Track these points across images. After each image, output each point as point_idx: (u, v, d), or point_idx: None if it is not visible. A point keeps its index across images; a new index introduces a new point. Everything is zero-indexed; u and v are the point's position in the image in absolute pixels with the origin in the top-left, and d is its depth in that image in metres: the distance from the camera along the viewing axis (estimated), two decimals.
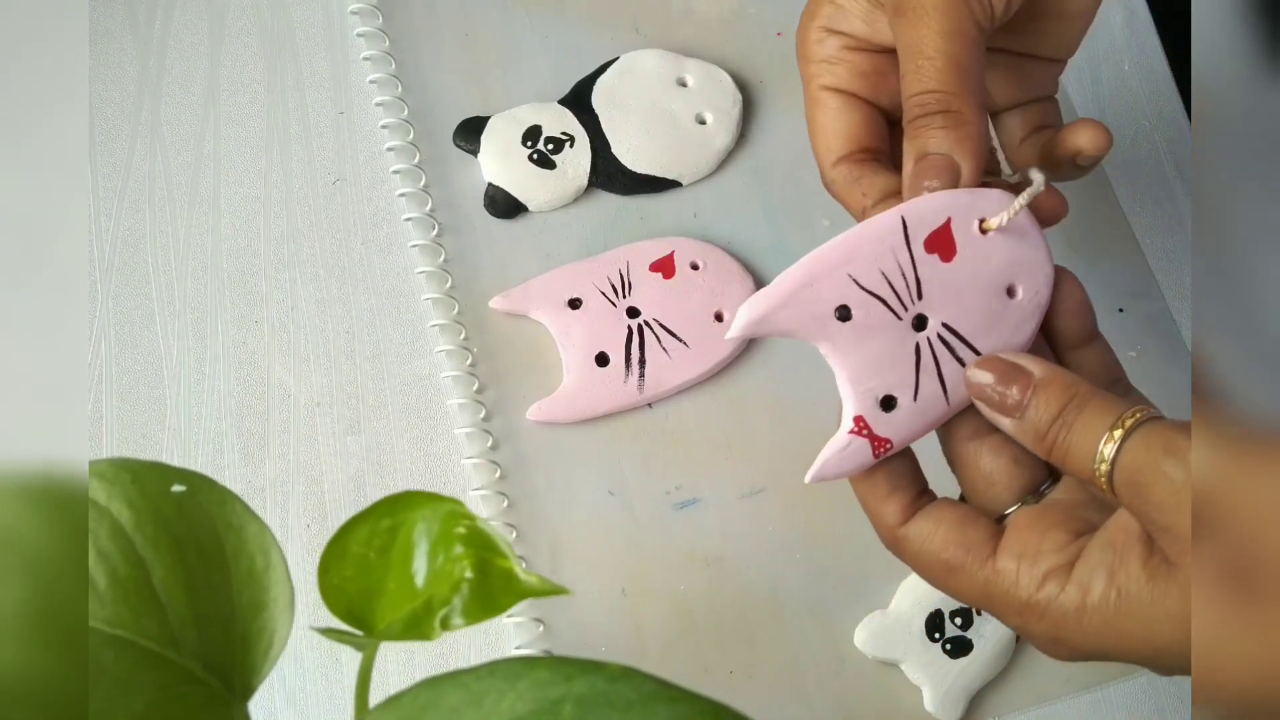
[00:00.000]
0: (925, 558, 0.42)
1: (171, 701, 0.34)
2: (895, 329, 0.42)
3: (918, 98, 0.43)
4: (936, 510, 0.43)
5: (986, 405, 0.42)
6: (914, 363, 0.42)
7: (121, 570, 0.35)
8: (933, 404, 0.42)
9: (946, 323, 0.42)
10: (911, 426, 0.42)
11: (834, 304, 0.41)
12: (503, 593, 0.35)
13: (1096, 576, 0.39)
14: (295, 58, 0.66)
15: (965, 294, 0.42)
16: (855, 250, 0.42)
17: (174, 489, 0.36)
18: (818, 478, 0.42)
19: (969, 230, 0.42)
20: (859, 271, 0.41)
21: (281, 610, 0.36)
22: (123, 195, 0.62)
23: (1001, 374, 0.41)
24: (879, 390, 0.42)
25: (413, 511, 0.37)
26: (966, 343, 0.42)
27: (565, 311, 0.60)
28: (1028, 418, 0.41)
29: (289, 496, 0.57)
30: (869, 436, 0.42)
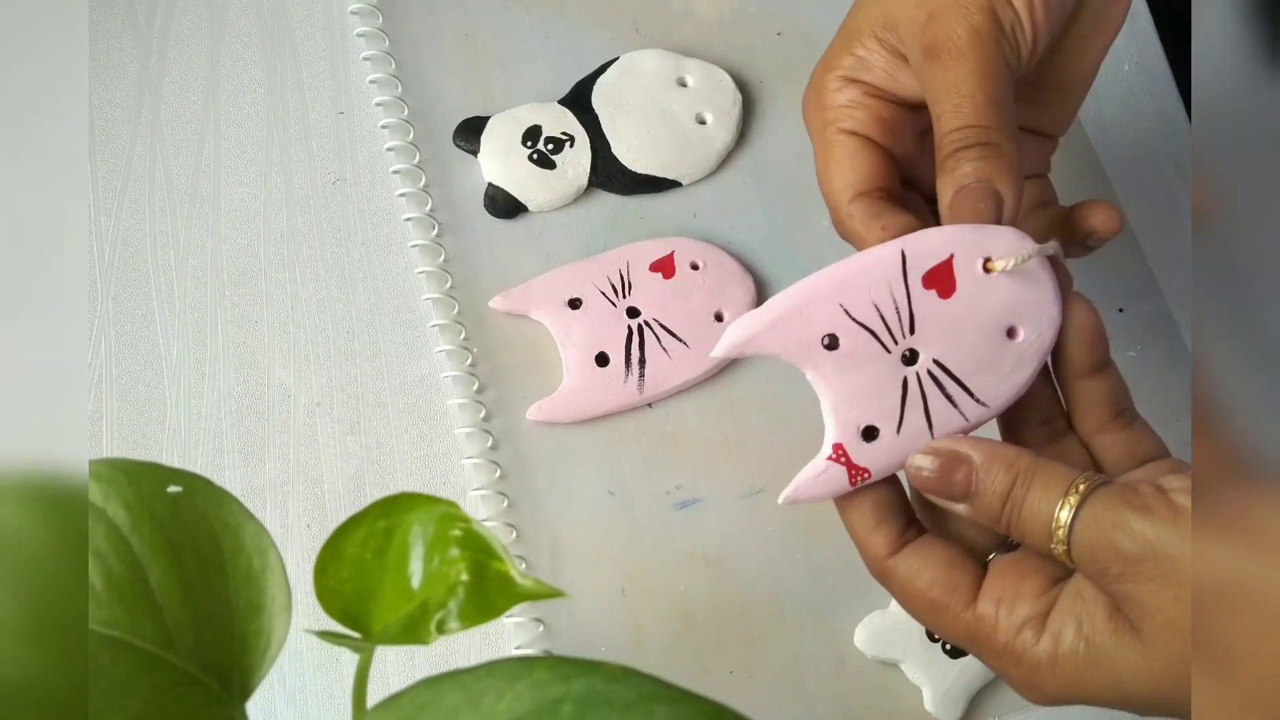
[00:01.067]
0: (910, 593, 0.43)
1: (169, 703, 0.34)
2: (883, 361, 0.42)
3: (957, 133, 0.43)
4: (925, 548, 0.43)
5: (935, 495, 0.42)
6: (900, 396, 0.42)
7: (118, 571, 0.35)
8: (916, 439, 0.42)
9: (938, 359, 0.42)
10: (891, 459, 0.42)
11: (822, 332, 0.42)
12: (499, 596, 0.35)
13: (1067, 626, 0.40)
14: (295, 58, 0.66)
15: (961, 332, 0.42)
16: (849, 280, 0.42)
17: (170, 490, 0.36)
18: (791, 500, 0.43)
19: (972, 268, 0.42)
20: (851, 302, 0.42)
21: (279, 611, 0.36)
22: (122, 195, 0.62)
23: (941, 464, 0.42)
24: (861, 420, 0.42)
25: (408, 513, 0.37)
26: (958, 381, 0.42)
27: (565, 311, 0.60)
28: (978, 503, 0.41)
29: (289, 497, 0.57)
30: (846, 464, 0.42)
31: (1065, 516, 0.39)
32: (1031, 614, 0.41)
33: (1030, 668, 0.41)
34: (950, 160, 0.44)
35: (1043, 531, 0.40)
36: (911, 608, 0.44)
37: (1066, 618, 0.40)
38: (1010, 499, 0.41)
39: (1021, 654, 0.41)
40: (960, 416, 0.43)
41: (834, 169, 0.48)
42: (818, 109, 0.49)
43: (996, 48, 0.44)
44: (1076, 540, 0.39)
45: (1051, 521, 0.40)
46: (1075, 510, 0.39)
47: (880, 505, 0.44)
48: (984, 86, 0.43)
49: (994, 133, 0.43)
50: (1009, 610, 0.41)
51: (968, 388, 0.43)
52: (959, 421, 0.43)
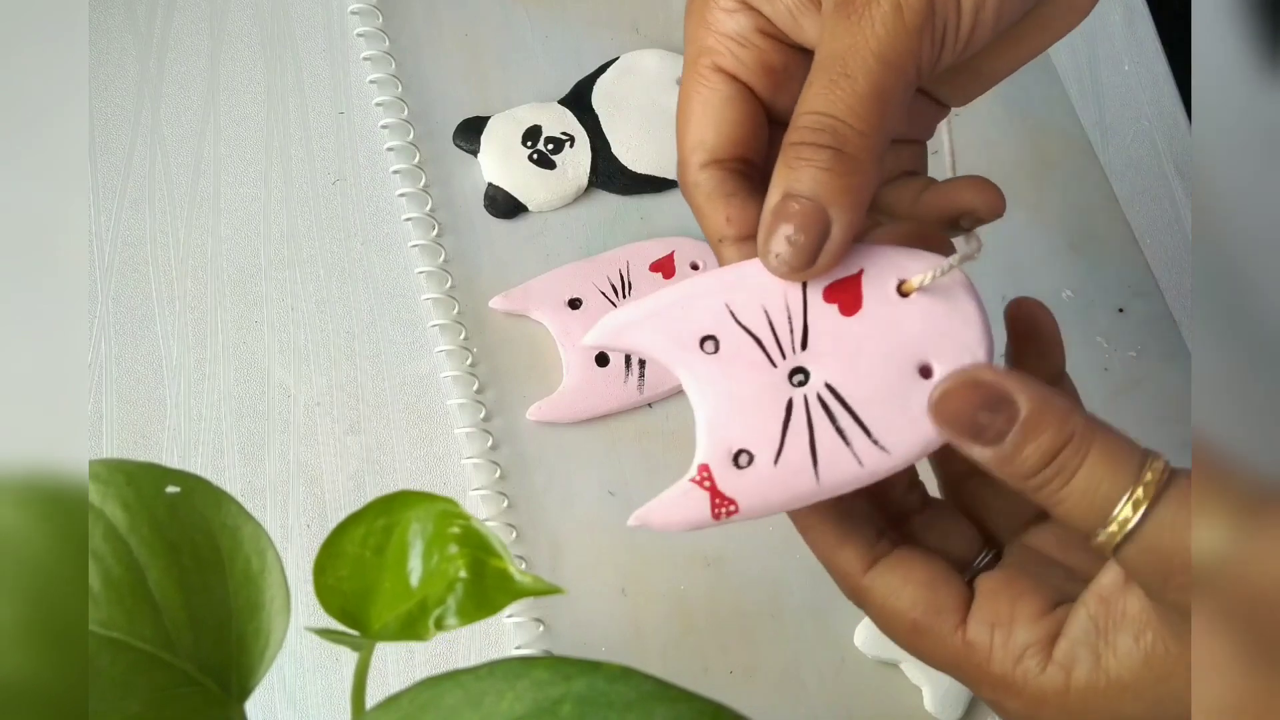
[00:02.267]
0: (890, 615, 0.39)
1: (168, 704, 0.34)
2: (766, 375, 0.37)
3: (815, 118, 0.36)
4: (904, 564, 0.39)
5: (954, 432, 0.36)
6: (782, 420, 0.36)
7: (116, 572, 0.35)
8: (796, 475, 0.36)
9: (830, 384, 0.36)
10: (766, 495, 0.37)
11: (702, 332, 0.37)
12: (497, 593, 0.35)
13: (1080, 657, 0.36)
14: (295, 58, 0.66)
15: (862, 357, 0.36)
16: (739, 281, 0.37)
17: (169, 490, 0.36)
18: (641, 523, 0.37)
19: (884, 287, 0.37)
20: (739, 303, 0.37)
21: (278, 611, 0.36)
22: (122, 195, 0.62)
23: (976, 401, 0.35)
24: (734, 442, 0.36)
25: (407, 511, 0.37)
26: (851, 412, 0.36)
27: (565, 311, 0.60)
28: (1007, 455, 0.35)
29: (289, 496, 0.57)
30: (711, 491, 0.36)
31: (1130, 511, 0.33)
32: (1032, 640, 0.37)
33: (1033, 700, 0.36)
34: (792, 151, 0.36)
35: (1094, 513, 0.34)
36: (891, 630, 0.39)
37: (1079, 647, 0.36)
38: (1057, 464, 0.34)
39: (1022, 686, 0.36)
40: (853, 459, 0.36)
41: (693, 117, 0.40)
42: (698, 28, 0.40)
43: (914, 37, 0.36)
44: (1147, 535, 0.33)
45: (1111, 506, 0.33)
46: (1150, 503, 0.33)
47: (841, 518, 0.39)
48: (877, 76, 0.35)
49: (858, 139, 0.35)
50: (1005, 636, 0.37)
51: (864, 424, 0.36)
52: (850, 466, 0.36)
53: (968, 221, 0.40)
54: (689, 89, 0.40)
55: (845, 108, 0.35)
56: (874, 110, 0.35)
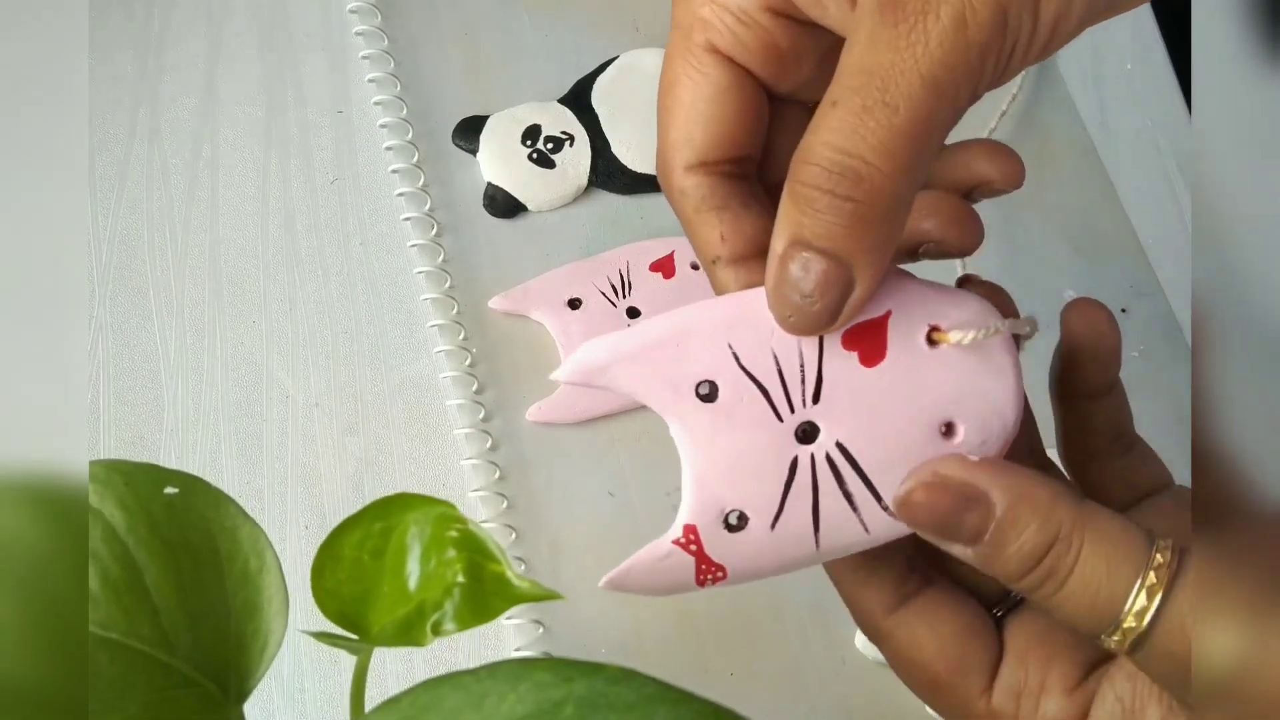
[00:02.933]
0: (910, 665, 0.35)
1: (166, 705, 0.34)
2: (771, 432, 0.32)
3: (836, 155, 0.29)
4: (931, 611, 0.35)
5: (927, 533, 0.32)
6: (784, 481, 0.32)
7: (114, 573, 0.35)
8: (795, 541, 0.33)
9: (843, 444, 0.32)
10: (759, 561, 0.33)
11: (699, 376, 0.32)
12: (495, 597, 0.35)
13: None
14: (293, 56, 0.66)
15: (879, 415, 0.32)
16: (746, 316, 0.32)
17: (167, 491, 0.36)
18: (615, 585, 0.34)
19: (912, 335, 0.32)
20: (744, 344, 0.32)
21: (276, 612, 0.36)
22: (120, 195, 0.62)
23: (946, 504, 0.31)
24: (728, 503, 0.33)
25: (405, 514, 0.37)
26: (864, 477, 0.32)
27: (565, 311, 0.60)
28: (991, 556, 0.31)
29: (287, 498, 0.57)
30: (697, 555, 0.33)
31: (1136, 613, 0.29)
32: (1061, 714, 0.33)
33: None
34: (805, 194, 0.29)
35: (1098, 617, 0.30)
36: (908, 679, 0.36)
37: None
38: (1048, 564, 0.30)
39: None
40: (858, 526, 0.33)
41: (679, 108, 0.33)
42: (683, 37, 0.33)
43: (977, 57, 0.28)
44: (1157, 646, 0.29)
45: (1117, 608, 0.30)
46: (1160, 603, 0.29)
47: (868, 554, 0.34)
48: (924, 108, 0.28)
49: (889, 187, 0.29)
50: (1032, 706, 0.33)
51: (875, 489, 0.32)
52: (855, 533, 0.33)
53: (981, 194, 0.36)
54: (676, 70, 0.33)
55: (877, 146, 0.28)
56: (913, 151, 0.29)
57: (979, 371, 0.32)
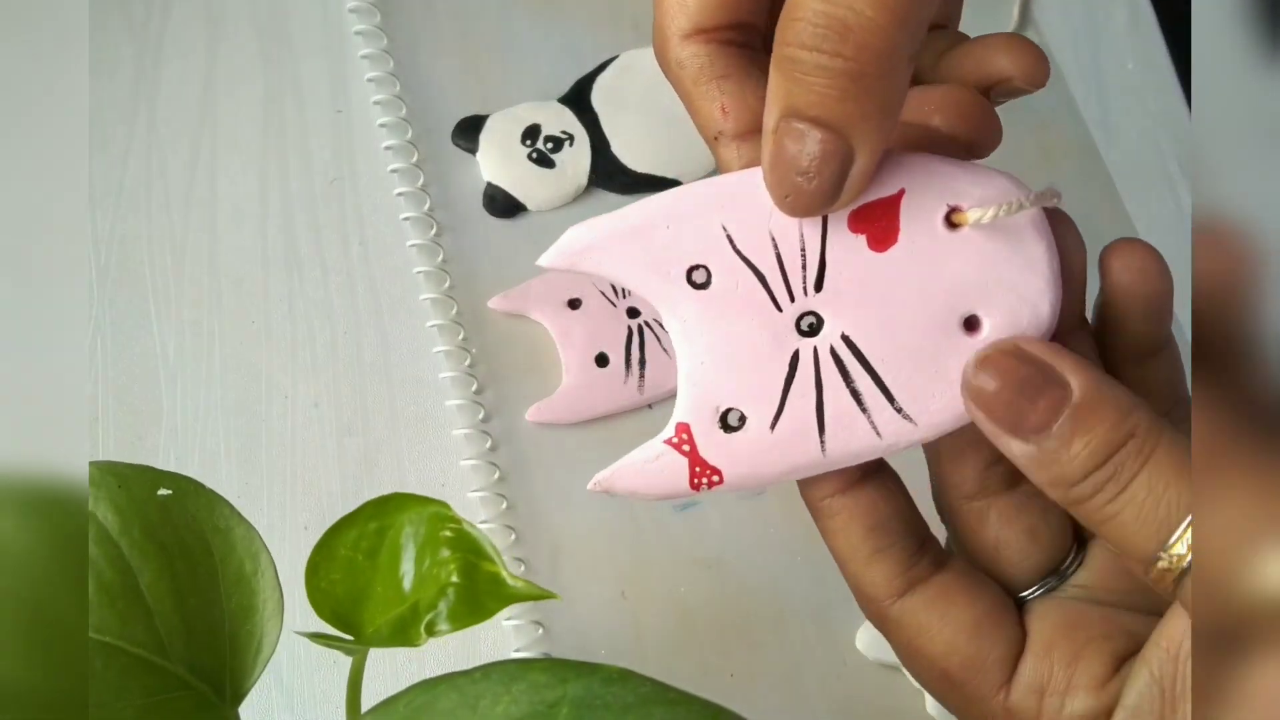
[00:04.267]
0: (919, 656, 0.32)
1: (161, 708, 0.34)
2: (769, 321, 0.30)
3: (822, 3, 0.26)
4: (944, 599, 0.32)
5: (987, 417, 0.29)
6: (784, 376, 0.30)
7: (108, 576, 0.35)
8: (798, 443, 0.30)
9: (848, 335, 0.30)
10: (757, 464, 0.31)
11: (690, 260, 0.30)
12: (489, 598, 0.35)
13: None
14: (292, 56, 0.66)
15: (891, 304, 0.30)
16: (742, 193, 0.30)
17: (161, 492, 0.36)
18: (603, 487, 0.32)
19: (929, 216, 0.30)
20: (738, 224, 0.30)
21: (271, 614, 0.36)
22: (119, 194, 0.62)
23: (1018, 381, 0.28)
24: (723, 399, 0.30)
25: (400, 514, 0.37)
26: (872, 373, 0.30)
27: (565, 311, 0.60)
28: (1050, 449, 0.28)
29: (286, 498, 0.57)
30: (690, 456, 0.31)
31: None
32: (1089, 713, 0.30)
33: None
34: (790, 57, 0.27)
35: (1152, 534, 0.27)
36: (916, 671, 0.33)
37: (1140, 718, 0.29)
38: (1110, 467, 0.27)
39: None
40: (868, 429, 0.30)
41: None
42: None
43: None
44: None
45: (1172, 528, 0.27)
46: None
47: (877, 524, 0.32)
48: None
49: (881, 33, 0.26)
50: (1057, 706, 0.30)
51: (886, 386, 0.30)
52: (866, 436, 0.30)
53: (1000, 93, 0.33)
54: None
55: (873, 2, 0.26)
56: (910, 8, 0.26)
57: (1008, 258, 0.30)
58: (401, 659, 0.54)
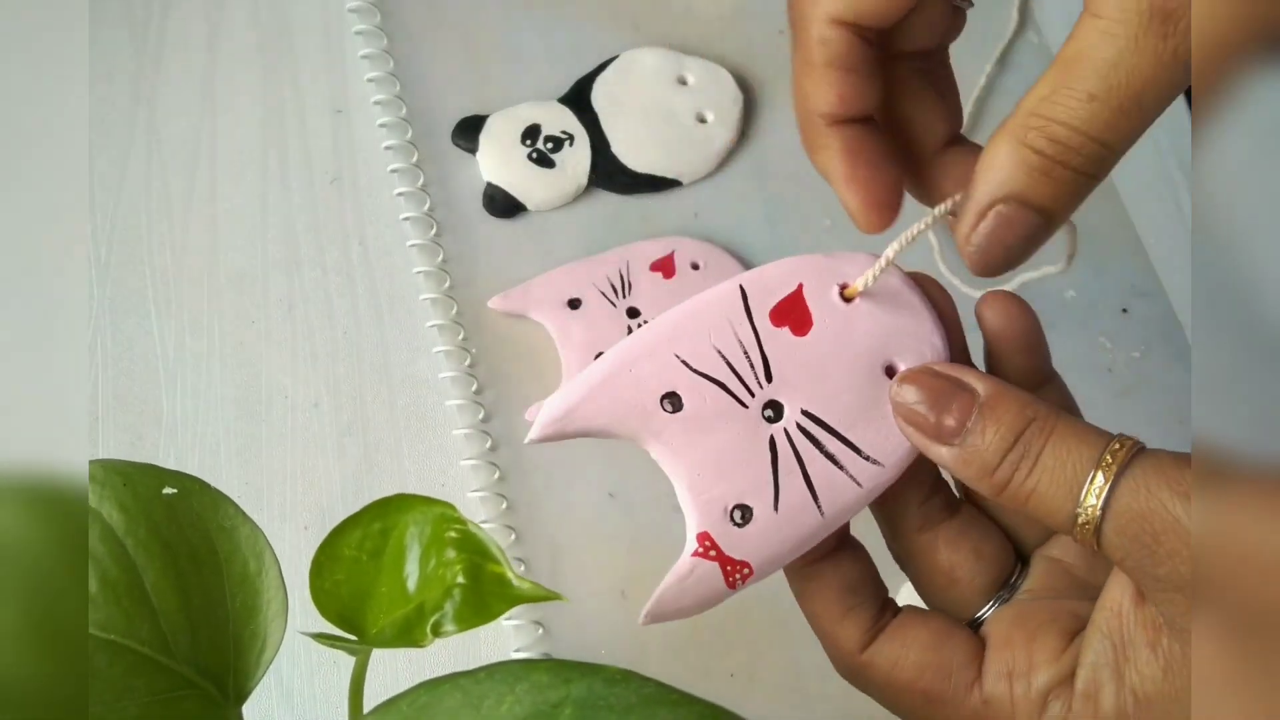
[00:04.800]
0: (896, 689, 0.35)
1: (165, 706, 0.34)
2: (740, 419, 0.34)
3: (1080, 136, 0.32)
4: (904, 629, 0.36)
5: (915, 430, 0.34)
6: (769, 461, 0.34)
7: (113, 574, 0.35)
8: (800, 514, 0.34)
9: (807, 409, 0.34)
10: (775, 545, 0.34)
11: (659, 391, 0.34)
12: (495, 598, 0.35)
13: (1103, 681, 0.33)
14: (293, 56, 0.66)
15: (828, 374, 0.35)
16: (680, 327, 0.35)
17: (166, 491, 0.36)
18: (655, 617, 0.34)
19: (828, 298, 0.35)
20: (688, 350, 0.34)
21: (275, 613, 0.36)
22: (120, 194, 0.62)
23: (932, 392, 0.34)
24: (728, 499, 0.34)
25: (404, 515, 0.37)
26: (836, 434, 0.34)
27: (565, 311, 0.60)
28: (970, 444, 0.33)
29: (287, 497, 0.57)
30: (719, 559, 0.34)
31: (1102, 479, 0.31)
32: (1054, 680, 0.34)
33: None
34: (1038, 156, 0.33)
35: (1061, 496, 0.32)
36: (899, 705, 0.36)
37: (1100, 671, 0.33)
38: (1020, 447, 0.32)
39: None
40: (849, 482, 0.34)
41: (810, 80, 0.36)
42: None
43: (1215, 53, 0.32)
44: (1118, 509, 0.31)
45: (1082, 485, 0.31)
46: (1118, 474, 0.31)
47: (848, 587, 0.36)
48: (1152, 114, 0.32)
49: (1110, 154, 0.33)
50: (1025, 685, 0.34)
51: (851, 442, 0.34)
52: (850, 489, 0.35)
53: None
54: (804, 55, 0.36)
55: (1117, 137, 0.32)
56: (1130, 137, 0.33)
57: (895, 312, 0.35)
58: (400, 659, 0.54)
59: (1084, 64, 0.32)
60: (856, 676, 0.36)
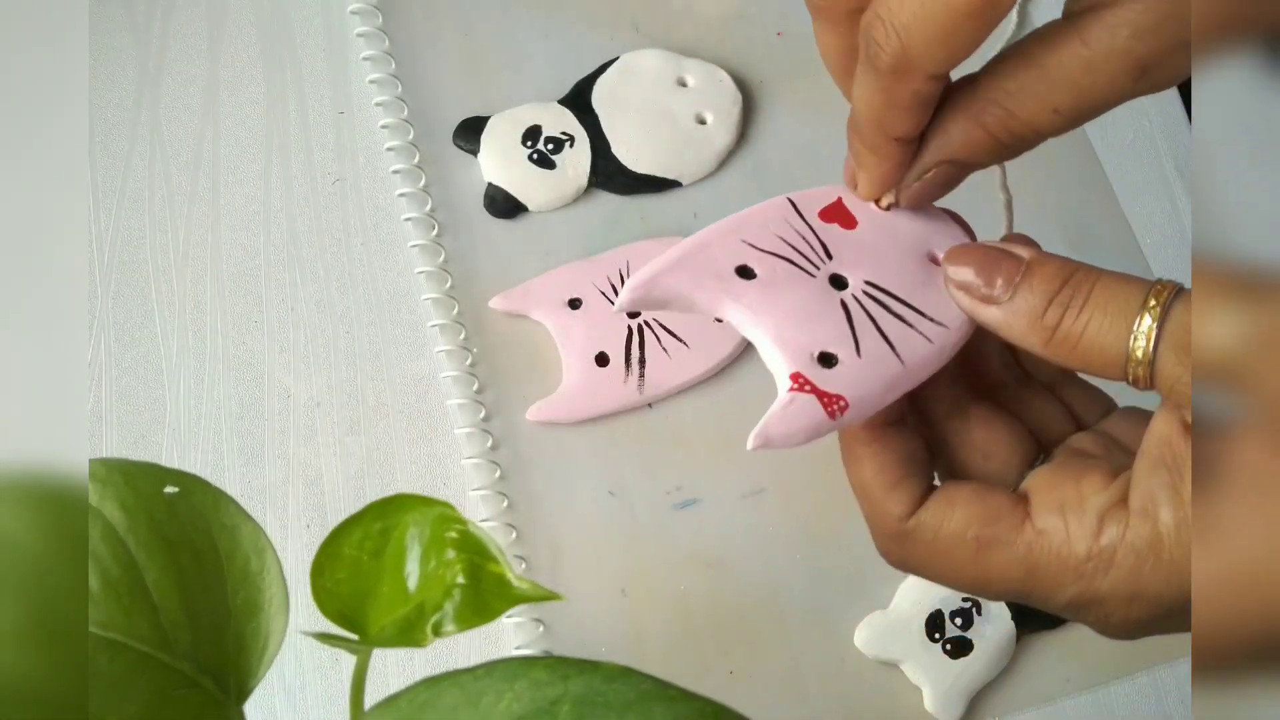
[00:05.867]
0: (944, 544, 0.36)
1: (166, 705, 0.34)
2: (811, 284, 0.37)
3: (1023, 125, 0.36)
4: (946, 492, 0.36)
5: (967, 296, 0.36)
6: (845, 319, 0.36)
7: (114, 572, 0.35)
8: (883, 362, 0.36)
9: (870, 281, 0.37)
10: (866, 383, 0.35)
11: (732, 265, 0.37)
12: (495, 598, 0.35)
13: (1160, 500, 0.33)
14: (295, 58, 0.66)
15: (883, 256, 0.38)
16: (744, 220, 0.38)
17: (167, 490, 0.36)
18: (762, 443, 0.35)
19: (867, 207, 0.39)
20: (753, 235, 0.37)
21: (276, 612, 0.36)
22: (122, 195, 0.62)
23: (982, 260, 0.36)
24: (812, 346, 0.36)
25: (404, 514, 0.37)
26: (901, 300, 0.37)
27: (565, 311, 0.60)
28: (1018, 301, 0.35)
29: (288, 497, 0.57)
30: (816, 392, 0.35)
31: (1149, 320, 0.32)
32: (1107, 504, 0.34)
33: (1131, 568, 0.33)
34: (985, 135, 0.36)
35: (1114, 337, 0.33)
36: (949, 563, 0.36)
37: (1156, 490, 0.33)
38: (1067, 291, 0.34)
39: (1112, 555, 0.33)
40: (922, 338, 0.37)
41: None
42: None
43: None
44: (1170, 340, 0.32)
45: (1129, 325, 0.32)
46: (1163, 310, 0.32)
47: (903, 458, 0.37)
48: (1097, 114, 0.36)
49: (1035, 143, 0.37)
50: (1078, 513, 0.34)
51: (915, 307, 0.37)
52: (923, 344, 0.36)
53: None
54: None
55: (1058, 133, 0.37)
56: None
57: (928, 218, 0.39)
58: (400, 656, 0.54)
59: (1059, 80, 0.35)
60: (901, 544, 0.37)
